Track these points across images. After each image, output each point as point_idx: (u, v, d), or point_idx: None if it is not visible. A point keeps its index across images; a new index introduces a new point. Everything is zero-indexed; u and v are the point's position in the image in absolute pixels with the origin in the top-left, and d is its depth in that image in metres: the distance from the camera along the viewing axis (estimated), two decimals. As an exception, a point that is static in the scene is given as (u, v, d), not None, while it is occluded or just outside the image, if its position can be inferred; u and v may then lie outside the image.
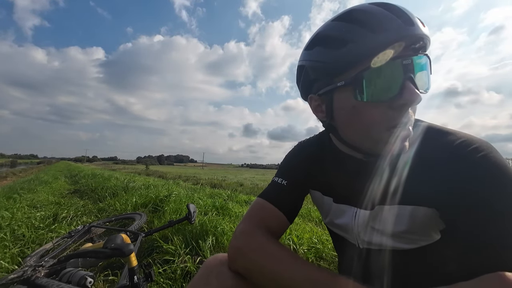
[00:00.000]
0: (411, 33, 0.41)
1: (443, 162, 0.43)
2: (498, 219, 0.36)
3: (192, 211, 1.80)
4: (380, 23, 0.42)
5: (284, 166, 0.69)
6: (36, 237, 2.02)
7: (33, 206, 3.26)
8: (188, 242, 1.70)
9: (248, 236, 0.56)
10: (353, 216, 0.57)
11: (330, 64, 0.47)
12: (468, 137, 0.43)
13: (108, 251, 0.81)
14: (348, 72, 0.45)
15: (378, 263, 0.55)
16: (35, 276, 1.18)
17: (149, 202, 3.03)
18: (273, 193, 0.64)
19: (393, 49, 0.42)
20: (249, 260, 0.52)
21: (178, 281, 1.35)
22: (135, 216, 2.34)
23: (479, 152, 0.40)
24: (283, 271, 0.47)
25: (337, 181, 0.61)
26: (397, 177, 0.49)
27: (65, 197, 4.31)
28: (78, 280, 1.12)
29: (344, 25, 0.46)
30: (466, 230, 0.38)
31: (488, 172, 0.38)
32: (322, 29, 0.50)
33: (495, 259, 0.35)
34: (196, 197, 3.59)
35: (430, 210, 0.46)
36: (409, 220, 0.49)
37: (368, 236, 0.55)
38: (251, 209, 0.64)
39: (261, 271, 0.50)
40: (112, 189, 4.25)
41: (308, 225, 2.52)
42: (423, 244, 0.50)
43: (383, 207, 0.52)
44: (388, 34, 0.41)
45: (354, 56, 0.44)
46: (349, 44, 0.44)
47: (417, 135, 0.49)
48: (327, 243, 1.82)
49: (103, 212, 2.98)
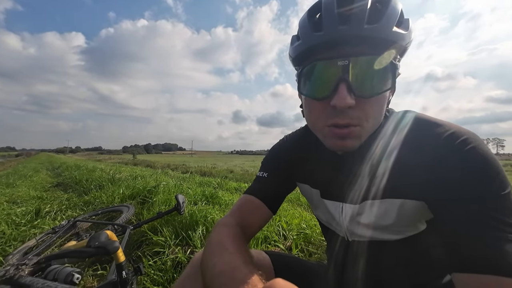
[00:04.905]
0: (342, 34, 0.41)
1: (432, 154, 0.43)
2: (485, 209, 0.36)
3: (181, 201, 1.78)
4: (320, 20, 0.44)
5: (266, 160, 0.71)
6: (18, 234, 1.95)
7: (13, 201, 3.12)
8: (178, 233, 1.70)
9: (215, 233, 0.54)
10: (340, 211, 0.57)
11: (291, 58, 0.51)
12: (457, 129, 0.43)
13: (92, 250, 0.79)
14: (299, 67, 0.49)
15: (366, 254, 0.56)
16: (19, 275, 1.15)
17: (137, 193, 2.99)
18: (255, 187, 0.66)
19: (329, 49, 0.42)
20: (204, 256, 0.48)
21: (169, 272, 1.36)
22: (123, 208, 2.30)
23: (467, 144, 0.40)
24: (208, 261, 0.44)
25: (322, 175, 0.61)
26: (384, 171, 0.48)
27: (48, 191, 4.15)
28: (65, 277, 1.10)
29: (304, 18, 0.48)
30: (454, 220, 0.39)
31: (476, 164, 0.39)
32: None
33: (481, 251, 0.35)
34: (185, 186, 3.56)
35: (418, 202, 0.46)
36: (396, 213, 0.49)
37: (356, 229, 0.56)
38: (234, 204, 0.65)
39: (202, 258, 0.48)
40: (98, 181, 4.13)
41: (297, 210, 2.59)
42: (409, 234, 0.51)
43: (370, 202, 0.51)
44: (323, 33, 0.42)
45: (300, 53, 0.46)
46: (299, 40, 0.47)
47: (405, 126, 0.48)
48: (315, 228, 1.87)
49: (89, 205, 2.91)
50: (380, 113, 0.46)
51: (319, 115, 0.47)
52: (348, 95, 0.41)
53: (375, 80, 0.43)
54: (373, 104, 0.44)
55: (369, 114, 0.44)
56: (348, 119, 0.44)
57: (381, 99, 0.45)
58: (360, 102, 0.43)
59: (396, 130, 0.49)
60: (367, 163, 0.51)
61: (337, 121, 0.44)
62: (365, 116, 0.44)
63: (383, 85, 0.43)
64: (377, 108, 0.45)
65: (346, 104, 0.41)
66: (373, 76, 0.42)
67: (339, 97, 0.42)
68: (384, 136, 0.50)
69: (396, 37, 0.42)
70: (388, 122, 0.51)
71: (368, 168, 0.51)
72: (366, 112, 0.44)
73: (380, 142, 0.50)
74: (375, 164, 0.50)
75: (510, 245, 0.34)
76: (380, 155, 0.49)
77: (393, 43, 0.42)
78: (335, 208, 0.59)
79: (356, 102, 0.42)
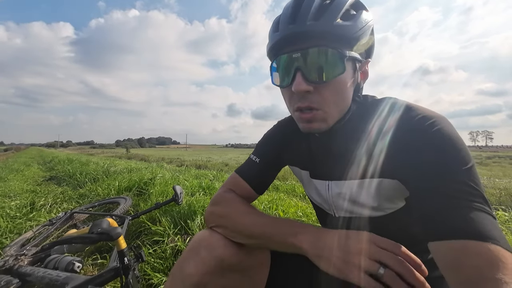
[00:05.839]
0: (291, 32, 0.49)
1: (404, 136, 0.48)
2: (450, 182, 0.41)
3: (179, 192, 1.80)
4: (278, 21, 0.53)
5: (259, 144, 0.77)
6: (13, 226, 1.93)
7: (6, 195, 3.07)
8: (177, 222, 1.72)
9: (218, 198, 0.68)
10: (327, 189, 0.63)
11: (267, 54, 0.58)
12: (428, 112, 0.48)
13: (95, 236, 0.80)
14: (270, 62, 0.56)
15: (351, 229, 0.60)
16: (18, 265, 1.15)
17: (133, 185, 2.98)
18: (245, 169, 0.73)
19: (285, 45, 0.51)
20: (218, 217, 0.63)
21: (169, 259, 1.38)
22: (120, 200, 2.29)
23: (435, 126, 0.45)
24: (243, 221, 0.58)
25: (310, 157, 0.67)
26: (363, 152, 0.54)
27: (41, 185, 4.09)
28: (66, 265, 1.10)
29: (273, 21, 0.56)
30: (423, 194, 0.43)
31: (441, 142, 0.43)
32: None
33: (448, 220, 0.39)
34: (182, 178, 3.57)
35: (394, 181, 0.51)
36: (375, 191, 0.54)
37: (341, 204, 0.61)
38: (226, 180, 0.74)
39: (227, 224, 0.60)
40: (92, 174, 4.10)
41: (293, 200, 2.64)
42: (389, 211, 0.56)
43: (352, 180, 0.57)
44: (279, 33, 0.50)
45: (268, 50, 0.55)
46: (269, 38, 0.55)
47: (382, 110, 0.54)
48: (311, 215, 1.92)
49: (84, 198, 2.89)
50: (341, 96, 0.52)
51: (288, 101, 0.55)
52: (303, 81, 0.49)
53: (325, 67, 0.49)
54: (330, 88, 0.50)
55: (327, 98, 0.50)
56: (307, 103, 0.50)
57: (337, 84, 0.50)
58: (318, 88, 0.50)
59: (374, 114, 0.54)
60: (348, 144, 0.57)
61: (299, 105, 0.52)
62: (324, 100, 0.50)
63: (333, 71, 0.49)
64: (334, 92, 0.50)
65: (301, 89, 0.49)
66: (323, 64, 0.49)
67: (295, 83, 0.49)
68: (362, 119, 0.56)
69: (339, 29, 0.48)
70: (366, 106, 0.57)
71: (349, 149, 0.56)
72: (323, 96, 0.50)
73: (360, 125, 0.56)
74: (356, 145, 0.55)
75: (472, 212, 0.38)
76: (360, 137, 0.55)
77: (337, 34, 0.48)
78: (323, 185, 0.64)
79: (314, 88, 0.49)
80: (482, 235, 0.36)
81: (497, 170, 11.72)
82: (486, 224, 0.37)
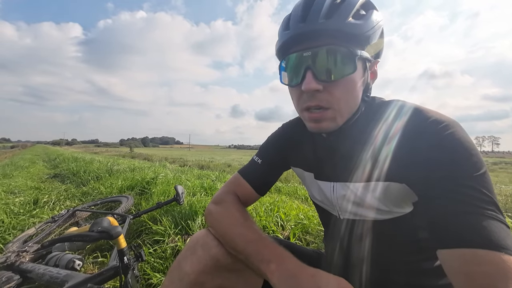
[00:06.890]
0: (302, 31, 0.48)
1: (415, 139, 0.46)
2: (461, 188, 0.39)
3: (180, 192, 1.80)
4: (288, 20, 0.52)
5: (263, 146, 0.76)
6: (16, 223, 1.95)
7: (10, 191, 3.11)
8: (178, 222, 1.72)
9: (219, 198, 0.69)
10: (332, 190, 0.62)
11: (275, 54, 0.57)
12: (439, 116, 0.46)
13: (95, 235, 0.80)
14: (279, 61, 0.56)
15: (357, 232, 0.59)
16: (20, 261, 1.16)
17: (135, 184, 2.99)
18: (247, 170, 0.73)
19: (296, 43, 0.50)
20: (213, 219, 0.64)
21: (169, 259, 1.38)
22: (122, 198, 2.30)
23: (447, 129, 0.43)
24: (231, 231, 0.58)
25: (315, 158, 0.65)
26: (371, 154, 0.52)
27: (45, 182, 4.14)
28: (66, 263, 1.11)
29: (282, 20, 0.55)
30: (433, 200, 0.42)
31: (453, 147, 0.42)
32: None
33: (458, 227, 0.38)
34: (184, 178, 3.57)
35: (402, 185, 0.49)
36: (382, 195, 0.52)
37: (346, 207, 0.60)
38: (228, 180, 0.74)
39: (218, 230, 0.61)
40: (96, 173, 4.12)
41: (295, 202, 2.62)
42: (397, 215, 0.54)
43: (356, 183, 0.55)
44: (290, 31, 0.50)
45: (278, 49, 0.54)
46: (278, 37, 0.54)
47: (391, 112, 0.52)
48: (313, 218, 1.90)
49: (87, 196, 2.91)
50: (351, 95, 0.51)
51: (297, 101, 0.54)
52: (313, 80, 0.48)
53: (336, 66, 0.48)
54: (339, 87, 0.49)
55: (337, 97, 0.49)
56: (317, 102, 0.50)
57: (347, 83, 0.49)
58: (327, 87, 0.49)
59: (382, 116, 0.53)
60: (355, 146, 0.55)
61: (308, 104, 0.51)
62: (334, 99, 0.49)
63: (343, 70, 0.48)
64: (345, 91, 0.50)
65: (311, 87, 0.48)
66: (334, 63, 0.48)
67: (305, 82, 0.49)
68: (370, 120, 0.54)
69: (351, 27, 0.47)
70: (374, 108, 0.56)
71: (356, 150, 0.55)
72: (333, 95, 0.49)
73: (368, 126, 0.54)
74: (363, 147, 0.54)
75: (485, 220, 0.37)
76: (367, 139, 0.53)
77: (349, 33, 0.47)
78: (328, 187, 0.63)
79: (324, 87, 0.49)
80: (495, 244, 0.35)
81: (503, 176, 11.54)
82: (499, 232, 0.36)
